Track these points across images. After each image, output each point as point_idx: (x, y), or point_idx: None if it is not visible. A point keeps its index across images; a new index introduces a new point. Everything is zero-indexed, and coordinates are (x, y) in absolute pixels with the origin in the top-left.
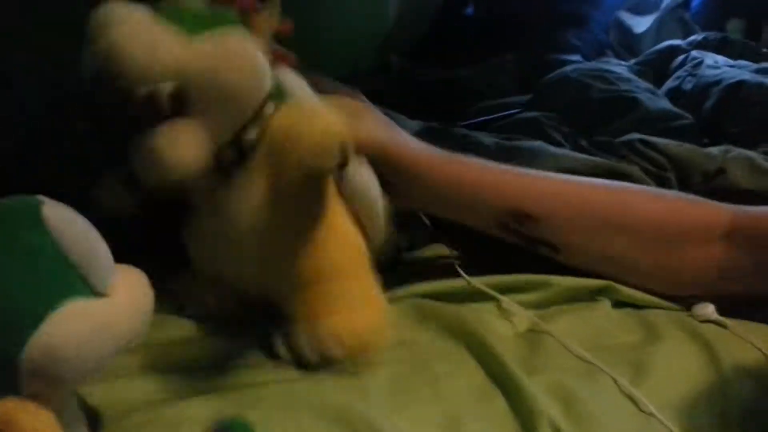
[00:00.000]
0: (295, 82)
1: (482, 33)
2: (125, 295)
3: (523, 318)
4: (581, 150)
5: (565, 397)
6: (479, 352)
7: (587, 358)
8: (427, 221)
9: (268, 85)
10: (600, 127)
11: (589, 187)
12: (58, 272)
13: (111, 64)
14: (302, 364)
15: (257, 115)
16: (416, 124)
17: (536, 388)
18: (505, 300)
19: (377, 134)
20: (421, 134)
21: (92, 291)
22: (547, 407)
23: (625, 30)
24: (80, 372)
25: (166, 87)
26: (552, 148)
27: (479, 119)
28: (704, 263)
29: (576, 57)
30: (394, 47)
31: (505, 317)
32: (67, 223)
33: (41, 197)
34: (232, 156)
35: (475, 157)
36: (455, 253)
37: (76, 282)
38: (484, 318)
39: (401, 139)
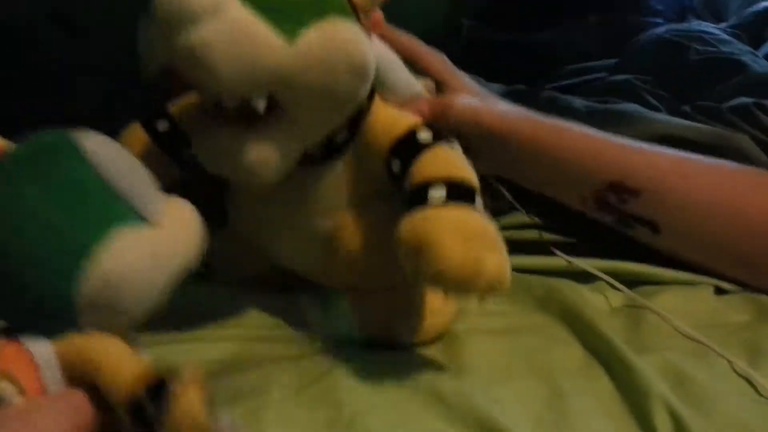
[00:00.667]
0: (386, 55)
1: None
2: (175, 224)
3: (619, 296)
4: (683, 116)
5: (678, 378)
6: (576, 327)
7: (697, 338)
8: (507, 194)
9: (370, 83)
10: (700, 92)
11: (696, 164)
12: (104, 202)
13: (197, 68)
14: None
15: (353, 115)
16: (498, 87)
17: (646, 367)
18: (605, 276)
19: (469, 101)
20: (506, 97)
21: (141, 219)
22: (660, 387)
23: None
24: (137, 302)
25: (263, 99)
26: (651, 113)
27: (565, 82)
28: None
29: (659, 20)
30: (464, 9)
31: (599, 292)
32: (108, 154)
33: (81, 131)
34: (319, 154)
35: (565, 121)
36: (537, 221)
37: (124, 211)
38: (578, 291)
39: (492, 105)
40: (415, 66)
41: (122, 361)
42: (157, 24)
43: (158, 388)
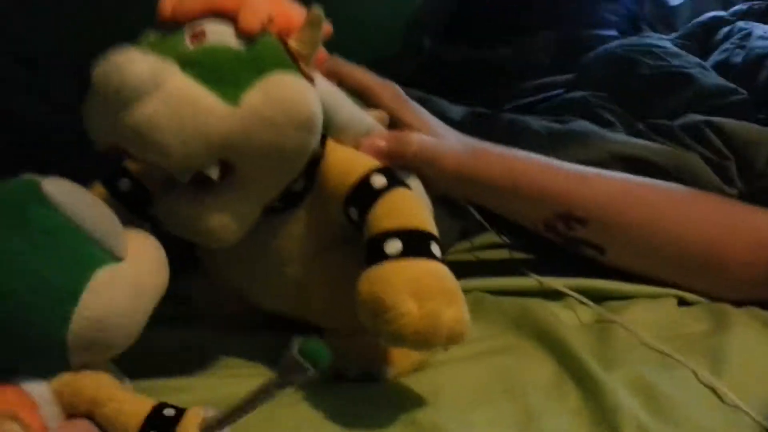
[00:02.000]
0: (333, 94)
1: (512, 10)
2: (142, 254)
3: (588, 311)
4: (637, 134)
5: (645, 391)
6: (549, 345)
7: (662, 349)
8: (476, 214)
9: (320, 132)
10: (652, 107)
11: (640, 187)
12: (78, 245)
13: (145, 146)
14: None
15: (307, 162)
16: (460, 110)
17: (614, 382)
18: (575, 294)
19: (425, 141)
20: (465, 121)
21: (112, 256)
22: (628, 402)
23: (659, 2)
24: (124, 335)
25: (215, 167)
26: (606, 133)
27: (523, 101)
28: (756, 269)
29: (612, 32)
30: (421, 28)
31: (569, 308)
32: (72, 198)
33: (37, 177)
34: (280, 204)
35: (522, 152)
36: (507, 240)
37: (96, 251)
38: (549, 310)
39: (445, 142)
40: (366, 99)
41: (120, 396)
42: (100, 103)
43: (157, 422)
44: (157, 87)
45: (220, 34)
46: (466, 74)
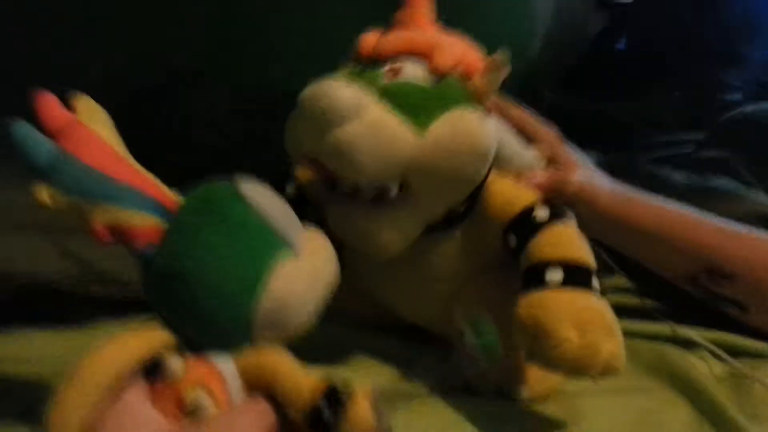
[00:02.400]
0: (502, 129)
1: (634, 69)
2: (317, 249)
3: (720, 365)
4: None
5: None
6: (685, 390)
7: None
8: (607, 258)
9: (490, 162)
10: None
11: None
12: (266, 238)
13: (342, 162)
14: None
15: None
16: (595, 155)
17: None
18: (711, 346)
19: (584, 180)
20: (603, 168)
21: (292, 250)
22: None
23: None
24: (301, 320)
25: (395, 186)
26: (750, 192)
27: (652, 155)
28: None
29: (738, 96)
30: (538, 80)
31: (702, 360)
32: (262, 196)
33: (237, 179)
34: (439, 223)
35: (672, 203)
36: (640, 287)
37: (280, 244)
38: (685, 357)
39: (597, 182)
40: (526, 136)
41: (297, 372)
42: (305, 122)
43: (332, 396)
44: (359, 113)
45: (414, 71)
46: (587, 126)
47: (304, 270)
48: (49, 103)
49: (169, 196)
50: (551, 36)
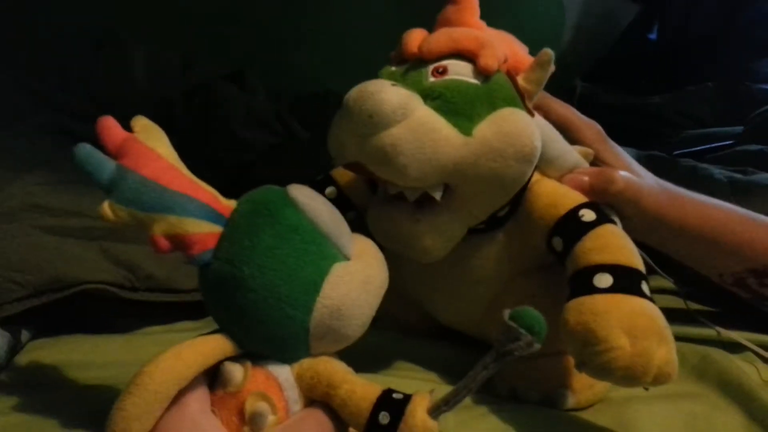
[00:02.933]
0: (546, 129)
1: (668, 60)
2: (367, 254)
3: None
4: None
5: None
6: (735, 395)
7: None
8: (649, 260)
9: (535, 164)
10: None
11: None
12: (318, 242)
13: (386, 166)
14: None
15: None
16: (632, 152)
17: None
18: (758, 349)
19: (629, 179)
20: (642, 163)
21: (343, 255)
22: None
23: None
24: (356, 325)
25: (440, 190)
26: None
27: (694, 149)
28: None
29: None
30: (569, 72)
31: (748, 363)
32: (312, 200)
33: (288, 186)
34: (482, 226)
35: (717, 201)
36: (681, 288)
37: (331, 249)
38: (732, 361)
39: (643, 181)
40: (569, 135)
41: (353, 380)
42: (349, 125)
43: (389, 402)
44: (405, 116)
45: (459, 72)
46: (621, 119)
47: (356, 275)
48: (108, 124)
49: (223, 202)
50: (582, 27)
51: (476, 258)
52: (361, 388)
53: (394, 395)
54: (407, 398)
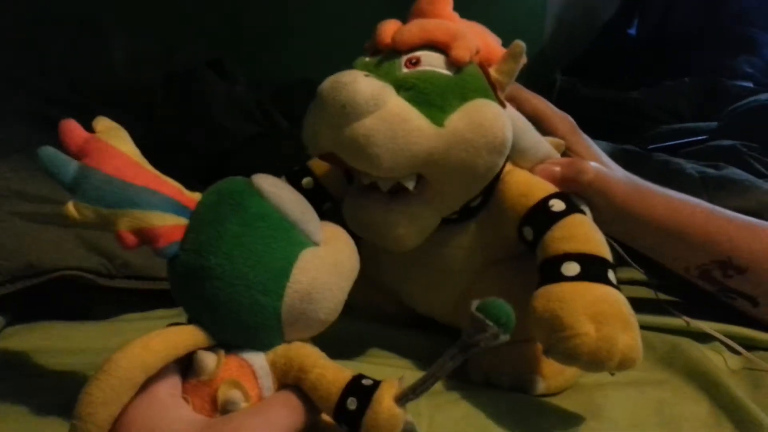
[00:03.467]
0: (518, 121)
1: (646, 55)
2: (336, 240)
3: (734, 358)
4: None
5: None
6: (701, 383)
7: None
8: (620, 249)
9: (507, 154)
10: None
11: None
12: (285, 230)
13: (359, 157)
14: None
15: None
16: (606, 145)
17: None
18: (725, 339)
19: (600, 170)
20: (615, 157)
21: (311, 241)
22: None
23: None
24: (327, 310)
25: (413, 180)
26: (764, 183)
27: (668, 143)
28: None
29: (749, 84)
30: (549, 65)
31: (716, 352)
32: (278, 189)
33: (254, 176)
34: (454, 217)
35: (684, 195)
36: (652, 280)
37: (299, 235)
38: (700, 350)
39: (612, 173)
40: (541, 126)
41: (324, 365)
42: (323, 116)
43: (357, 388)
44: (378, 107)
45: (432, 63)
46: (599, 112)
47: (326, 259)
48: (70, 127)
49: (187, 194)
50: (563, 20)
51: (449, 248)
52: (332, 373)
53: (364, 381)
54: (376, 384)
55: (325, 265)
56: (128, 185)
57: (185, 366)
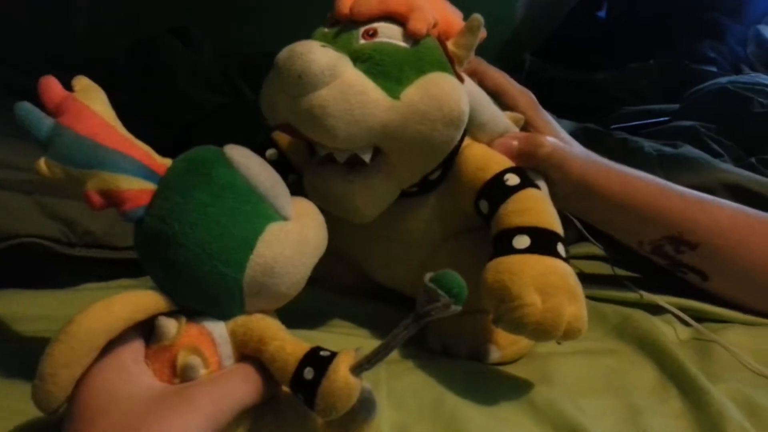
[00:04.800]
0: (477, 95)
1: (614, 37)
2: (305, 215)
3: (685, 330)
4: (748, 167)
5: (750, 407)
6: (650, 352)
7: (762, 371)
8: (579, 225)
9: (463, 128)
10: (763, 144)
11: (752, 219)
12: (253, 201)
13: (315, 127)
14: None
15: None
16: (568, 124)
17: (718, 393)
18: (676, 310)
19: (557, 144)
20: (577, 135)
21: (279, 215)
22: (733, 413)
23: (764, 44)
24: (290, 284)
25: (369, 151)
26: (717, 162)
27: (631, 123)
28: None
29: (712, 68)
30: (520, 45)
31: (668, 324)
32: (248, 160)
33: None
34: (413, 189)
35: (639, 171)
36: (607, 254)
37: (267, 209)
38: (651, 320)
39: (570, 148)
40: (501, 101)
41: (283, 336)
42: (280, 86)
43: (314, 359)
44: (333, 78)
45: (389, 34)
46: (566, 93)
47: (291, 234)
48: (49, 83)
49: (158, 160)
50: (534, 2)
51: (409, 220)
52: (290, 345)
53: (321, 353)
54: (333, 355)
55: (291, 240)
56: (99, 146)
57: (147, 331)
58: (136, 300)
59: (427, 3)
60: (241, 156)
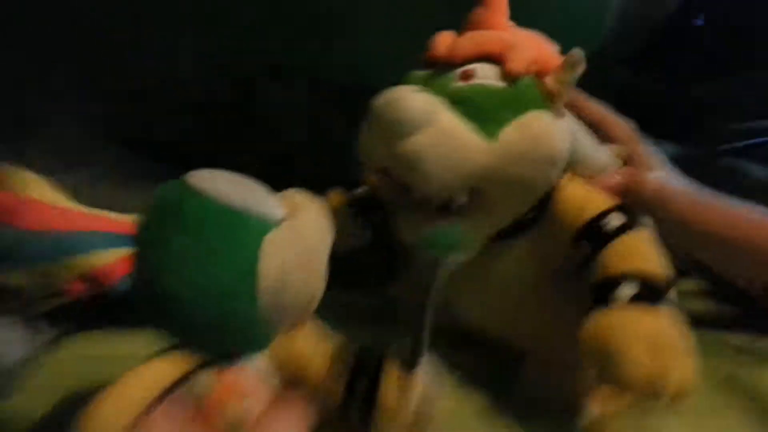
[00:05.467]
0: (576, 130)
1: (714, 47)
2: (299, 210)
3: None
4: None
5: None
6: (765, 410)
7: None
8: (684, 261)
9: (562, 168)
10: None
11: None
12: (236, 222)
13: (411, 172)
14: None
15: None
16: (672, 147)
17: None
18: None
19: (660, 181)
20: (678, 161)
21: (268, 222)
22: None
23: None
24: (305, 293)
25: (465, 195)
26: None
27: (734, 145)
28: None
29: None
30: (608, 58)
31: None
32: (211, 181)
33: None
34: (507, 231)
35: (753, 205)
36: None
37: (255, 221)
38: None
39: (672, 183)
40: (601, 134)
41: (323, 355)
42: (377, 132)
43: (360, 371)
44: (428, 123)
45: (486, 75)
46: (663, 110)
47: (287, 238)
48: None
49: (124, 222)
50: (625, 11)
51: (501, 263)
52: (332, 363)
53: (365, 361)
54: (377, 361)
55: (290, 245)
56: (61, 234)
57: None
58: (153, 375)
59: (524, 41)
60: (203, 180)
